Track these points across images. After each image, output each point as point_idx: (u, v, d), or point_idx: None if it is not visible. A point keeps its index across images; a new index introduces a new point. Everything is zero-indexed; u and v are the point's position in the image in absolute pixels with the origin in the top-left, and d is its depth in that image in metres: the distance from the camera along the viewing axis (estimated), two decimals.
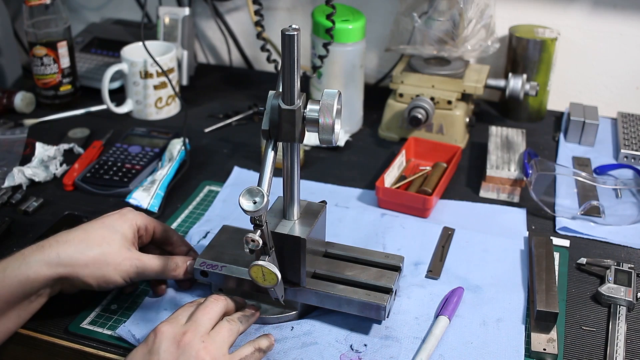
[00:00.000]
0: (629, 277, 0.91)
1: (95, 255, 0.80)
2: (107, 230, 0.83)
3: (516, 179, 1.11)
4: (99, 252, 0.80)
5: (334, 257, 0.89)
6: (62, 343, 0.83)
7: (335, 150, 1.24)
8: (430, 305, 0.88)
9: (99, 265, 0.80)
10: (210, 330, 0.76)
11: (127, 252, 0.82)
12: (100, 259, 0.80)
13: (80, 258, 0.79)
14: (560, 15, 1.35)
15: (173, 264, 0.86)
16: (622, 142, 1.23)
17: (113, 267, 0.80)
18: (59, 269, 0.78)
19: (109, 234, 0.82)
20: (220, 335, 0.76)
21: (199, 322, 0.75)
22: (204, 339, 0.74)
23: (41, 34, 1.30)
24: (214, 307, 0.78)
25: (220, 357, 0.73)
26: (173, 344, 0.72)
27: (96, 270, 0.80)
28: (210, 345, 0.74)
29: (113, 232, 0.83)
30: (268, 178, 0.75)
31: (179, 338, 0.73)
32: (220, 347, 0.74)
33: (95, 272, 0.80)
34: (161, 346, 0.72)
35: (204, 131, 1.30)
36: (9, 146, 1.20)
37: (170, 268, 0.85)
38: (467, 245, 0.99)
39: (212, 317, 0.77)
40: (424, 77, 1.23)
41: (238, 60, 1.61)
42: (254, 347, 0.78)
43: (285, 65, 0.73)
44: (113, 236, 0.82)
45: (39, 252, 0.78)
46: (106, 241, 0.81)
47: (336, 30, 1.15)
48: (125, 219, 0.85)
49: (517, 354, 0.81)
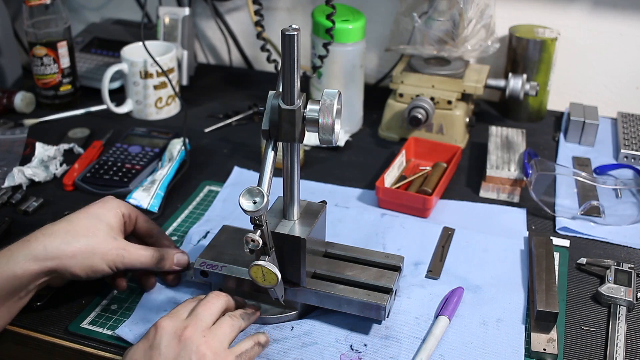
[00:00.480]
0: (629, 277, 0.91)
1: (82, 245, 0.80)
2: (92, 219, 0.83)
3: (516, 179, 1.11)
4: (85, 242, 0.80)
5: (334, 257, 0.89)
6: (62, 343, 0.83)
7: (335, 150, 1.24)
8: (430, 305, 0.88)
9: (86, 255, 0.80)
10: (211, 325, 0.76)
11: (114, 241, 0.82)
12: (86, 249, 0.80)
13: (67, 249, 0.79)
14: (560, 15, 1.35)
15: (160, 255, 0.85)
16: (622, 142, 1.23)
17: (100, 257, 0.80)
18: (46, 263, 0.78)
19: (94, 223, 0.82)
20: (221, 330, 0.76)
21: (200, 317, 0.75)
22: (205, 333, 0.74)
23: (41, 34, 1.30)
24: (215, 303, 0.78)
25: (221, 351, 0.73)
26: (174, 339, 0.72)
27: (83, 260, 0.80)
28: (212, 339, 0.73)
29: (98, 221, 0.83)
30: (268, 178, 0.75)
31: (180, 333, 0.73)
32: (222, 342, 0.74)
33: (82, 263, 0.79)
34: (162, 341, 0.72)
35: (204, 131, 1.30)
36: (9, 146, 1.21)
37: (157, 259, 0.85)
38: (467, 245, 0.99)
39: (214, 313, 0.77)
40: (424, 77, 1.23)
41: (238, 60, 1.61)
42: (253, 341, 0.78)
43: (285, 65, 0.73)
44: (98, 225, 0.82)
45: (26, 247, 0.78)
46: (91, 231, 0.81)
47: (336, 30, 1.15)
48: (109, 207, 0.85)
49: (517, 354, 0.81)
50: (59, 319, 0.85)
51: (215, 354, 0.73)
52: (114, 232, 0.83)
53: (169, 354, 0.71)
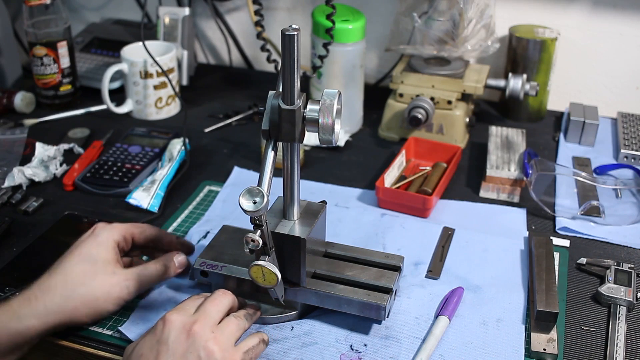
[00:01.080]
0: (629, 277, 0.91)
1: (82, 295, 0.78)
2: (87, 263, 0.80)
3: (516, 179, 1.11)
4: (85, 291, 0.79)
5: (334, 257, 0.89)
6: (62, 343, 0.83)
7: (335, 150, 1.24)
8: (430, 305, 0.88)
9: (88, 303, 0.79)
10: (218, 322, 0.76)
11: (113, 278, 0.80)
12: (88, 298, 0.79)
13: (69, 304, 0.78)
14: (560, 15, 1.35)
15: (162, 265, 0.85)
16: (622, 142, 1.23)
17: (103, 300, 0.79)
18: (48, 319, 0.77)
19: (90, 266, 0.80)
20: (229, 328, 0.76)
21: (208, 313, 0.75)
22: (214, 329, 0.74)
23: (41, 34, 1.30)
24: (222, 300, 0.78)
25: (229, 348, 0.74)
26: (182, 333, 0.72)
27: (87, 310, 0.79)
28: (220, 336, 0.74)
29: (93, 263, 0.80)
30: (268, 178, 0.75)
31: (189, 327, 0.72)
32: (229, 339, 0.75)
33: (86, 312, 0.79)
34: (170, 335, 0.72)
35: (204, 131, 1.30)
36: (9, 146, 1.20)
37: (162, 271, 0.85)
38: (467, 245, 0.99)
39: (221, 310, 0.77)
40: (424, 77, 1.23)
41: (238, 60, 1.61)
42: (258, 338, 0.79)
43: (285, 65, 0.73)
44: (94, 267, 0.80)
45: (27, 306, 0.76)
46: (88, 276, 0.79)
47: (336, 30, 1.15)
48: (99, 241, 0.83)
49: (517, 354, 0.81)
50: None
51: (223, 351, 0.73)
52: (112, 266, 0.81)
53: (177, 349, 0.71)
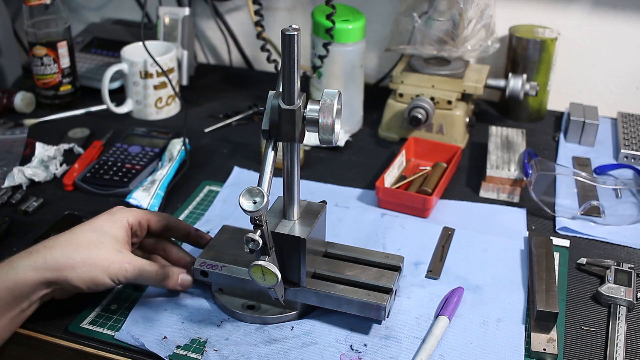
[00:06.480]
0: (629, 277, 0.91)
1: (83, 258, 0.79)
2: (96, 233, 0.82)
3: (516, 179, 1.11)
4: (87, 255, 0.79)
5: (334, 257, 0.89)
6: (62, 343, 0.83)
7: (335, 150, 1.24)
8: (430, 305, 0.88)
9: (86, 267, 0.79)
10: None
11: (118, 255, 0.81)
12: (87, 262, 0.79)
13: (67, 262, 0.78)
14: (560, 15, 1.35)
15: (164, 273, 0.85)
16: (622, 142, 1.23)
17: (101, 270, 0.80)
18: (46, 274, 0.78)
19: (98, 237, 0.81)
20: None
21: None
22: None
23: (41, 34, 1.30)
24: None
25: None
26: None
27: (84, 272, 0.79)
28: None
29: (102, 234, 0.82)
30: (268, 178, 0.75)
31: None
32: None
33: (83, 275, 0.79)
34: None
35: (204, 131, 1.30)
36: (9, 146, 1.20)
37: (162, 277, 0.85)
38: (467, 245, 0.99)
39: None
40: (424, 77, 1.23)
41: (238, 60, 1.61)
42: None
43: (285, 65, 0.73)
44: (102, 239, 0.81)
45: (27, 258, 0.78)
46: (94, 244, 0.80)
47: (336, 30, 1.15)
48: (114, 219, 0.84)
49: (517, 354, 0.81)
50: (59, 319, 0.85)
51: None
52: (120, 245, 0.82)
53: None
